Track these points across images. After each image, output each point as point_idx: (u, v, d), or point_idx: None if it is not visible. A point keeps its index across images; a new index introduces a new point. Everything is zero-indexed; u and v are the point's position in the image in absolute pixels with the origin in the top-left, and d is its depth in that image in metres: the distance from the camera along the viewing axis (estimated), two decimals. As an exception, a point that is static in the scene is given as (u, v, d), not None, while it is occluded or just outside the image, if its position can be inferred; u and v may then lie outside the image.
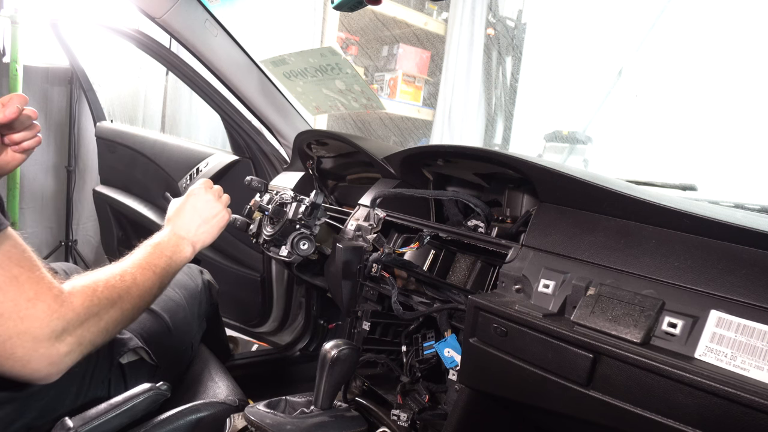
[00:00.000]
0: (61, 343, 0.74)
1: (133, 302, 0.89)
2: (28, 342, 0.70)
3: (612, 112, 3.19)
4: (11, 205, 2.82)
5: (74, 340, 0.76)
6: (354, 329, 1.28)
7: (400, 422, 1.10)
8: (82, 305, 0.77)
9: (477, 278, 1.14)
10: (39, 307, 0.71)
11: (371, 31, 3.80)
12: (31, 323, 0.70)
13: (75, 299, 0.76)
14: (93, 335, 0.80)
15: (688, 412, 0.62)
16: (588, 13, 3.24)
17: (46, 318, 0.71)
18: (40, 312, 0.71)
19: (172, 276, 1.01)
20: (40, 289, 0.72)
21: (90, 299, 0.79)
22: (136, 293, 0.89)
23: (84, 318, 0.77)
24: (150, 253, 0.98)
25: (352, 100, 1.72)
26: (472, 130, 3.80)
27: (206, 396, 1.14)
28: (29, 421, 0.89)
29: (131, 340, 1.07)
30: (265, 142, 1.98)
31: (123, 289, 0.86)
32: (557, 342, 0.74)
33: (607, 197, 0.83)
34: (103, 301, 0.81)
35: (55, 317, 0.72)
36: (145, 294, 0.92)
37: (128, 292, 0.87)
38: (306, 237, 1.31)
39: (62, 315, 0.73)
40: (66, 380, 0.93)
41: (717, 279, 0.68)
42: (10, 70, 2.71)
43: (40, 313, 0.71)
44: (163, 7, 1.64)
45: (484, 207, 1.13)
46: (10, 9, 2.68)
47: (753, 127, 2.53)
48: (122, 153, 2.45)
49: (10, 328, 0.69)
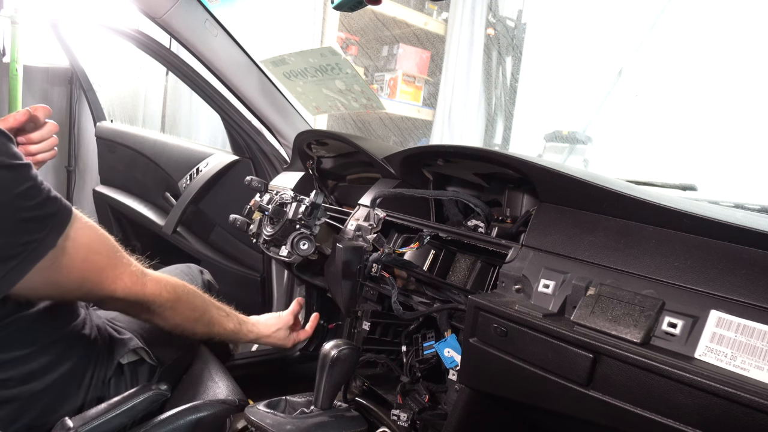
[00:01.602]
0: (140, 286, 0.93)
1: (190, 323, 1.07)
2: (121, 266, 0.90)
3: (612, 112, 3.19)
4: (11, 205, 2.81)
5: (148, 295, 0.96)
6: (354, 329, 1.28)
7: (400, 422, 1.10)
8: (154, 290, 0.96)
9: (477, 278, 1.14)
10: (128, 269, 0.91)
11: (371, 31, 3.80)
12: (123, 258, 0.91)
13: (151, 284, 0.96)
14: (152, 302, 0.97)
15: (688, 412, 0.62)
16: (588, 13, 3.24)
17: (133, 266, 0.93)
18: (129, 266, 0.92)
19: (229, 340, 1.28)
20: (126, 261, 0.93)
21: (163, 291, 0.98)
22: (197, 320, 1.08)
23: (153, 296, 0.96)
24: (227, 320, 1.17)
25: (352, 100, 1.72)
26: (472, 130, 3.80)
27: (206, 396, 1.14)
28: (30, 421, 0.89)
29: (131, 340, 1.07)
30: (265, 142, 1.98)
31: (189, 307, 1.05)
32: (557, 342, 0.74)
33: (607, 197, 0.83)
34: (170, 302, 1.00)
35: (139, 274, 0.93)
36: (204, 327, 1.10)
37: (192, 314, 1.06)
38: (306, 237, 1.30)
39: (140, 278, 0.93)
40: (66, 380, 0.93)
41: (717, 279, 0.68)
42: (10, 70, 2.71)
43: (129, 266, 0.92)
44: (163, 7, 1.64)
45: (484, 207, 1.13)
46: (10, 9, 2.68)
47: (753, 127, 2.53)
48: (122, 153, 2.45)
49: (109, 261, 0.88)
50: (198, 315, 1.07)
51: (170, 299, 0.98)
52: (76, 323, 0.99)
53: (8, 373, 0.85)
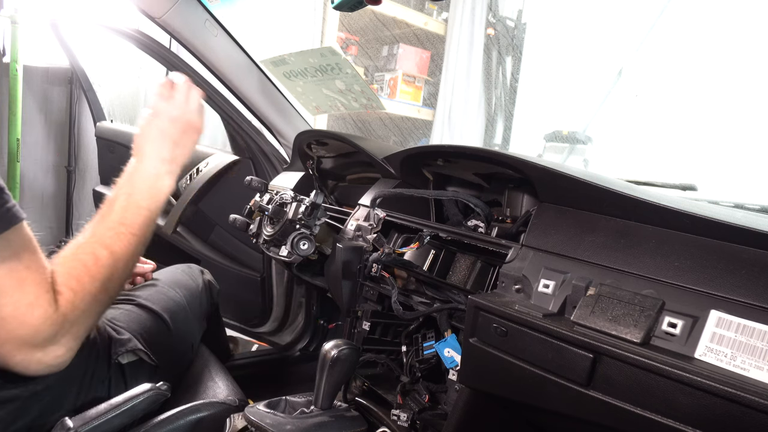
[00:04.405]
0: (56, 345, 0.73)
1: (120, 279, 0.83)
2: (25, 347, 0.70)
3: (612, 112, 3.19)
4: (11, 205, 2.81)
5: (70, 338, 0.75)
6: (354, 329, 1.28)
7: (400, 422, 1.10)
8: (74, 307, 0.75)
9: (477, 278, 1.14)
10: (37, 313, 0.69)
11: (371, 31, 3.80)
12: (27, 330, 0.69)
13: (66, 303, 0.74)
14: (87, 327, 0.80)
15: (688, 412, 0.62)
16: (588, 13, 3.24)
17: (43, 325, 0.70)
18: (38, 319, 0.69)
19: (154, 224, 0.90)
20: (39, 293, 0.70)
21: (81, 297, 0.76)
22: (122, 269, 0.83)
23: (76, 317, 0.76)
24: (125, 215, 0.86)
25: (352, 100, 1.72)
26: (472, 130, 3.80)
27: (206, 396, 1.14)
28: (30, 421, 0.89)
29: (130, 341, 1.06)
30: (265, 142, 1.98)
31: (107, 275, 0.80)
32: (557, 342, 0.74)
33: (607, 197, 0.83)
34: (92, 295, 0.78)
35: (49, 323, 0.71)
36: (129, 264, 0.84)
37: (113, 274, 0.81)
38: (306, 237, 1.31)
39: (56, 321, 0.72)
40: (66, 380, 0.93)
41: (717, 279, 0.68)
42: (10, 70, 2.71)
43: (38, 320, 0.69)
44: (163, 7, 1.64)
45: (484, 207, 1.13)
46: (10, 9, 2.68)
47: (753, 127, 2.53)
48: (122, 153, 2.45)
49: (10, 331, 0.68)
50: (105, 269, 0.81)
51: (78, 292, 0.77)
52: (76, 323, 0.99)
53: (8, 373, 0.85)
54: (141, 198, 0.90)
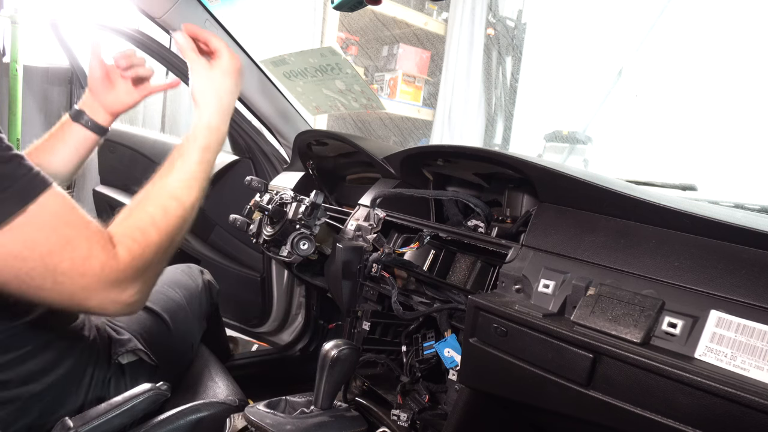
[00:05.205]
0: (127, 289, 0.76)
1: (186, 229, 0.88)
2: (94, 293, 0.72)
3: (612, 112, 3.19)
4: (11, 205, 2.81)
5: (140, 282, 0.78)
6: (354, 329, 1.28)
7: (400, 422, 1.10)
8: (140, 256, 0.77)
9: (477, 278, 1.14)
10: (95, 263, 0.71)
11: (371, 31, 3.80)
12: (90, 279, 0.71)
13: (127, 252, 0.76)
14: (157, 272, 0.83)
15: (688, 412, 0.62)
16: (588, 13, 3.24)
17: (103, 272, 0.72)
18: (97, 268, 0.72)
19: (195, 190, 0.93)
20: (91, 245, 0.72)
21: (146, 246, 0.78)
22: (189, 219, 0.88)
23: (144, 265, 0.78)
24: (198, 168, 0.92)
25: (352, 100, 1.72)
26: (472, 130, 3.81)
27: (206, 396, 1.14)
28: (30, 422, 0.89)
29: (130, 341, 1.07)
30: (265, 142, 1.98)
31: (178, 225, 0.84)
32: (557, 342, 0.74)
33: (607, 197, 0.83)
34: (157, 244, 0.80)
35: (110, 270, 0.73)
36: (192, 214, 0.89)
37: (182, 226, 0.86)
38: (306, 237, 1.31)
39: (118, 268, 0.74)
40: (66, 380, 0.93)
41: (717, 279, 0.68)
42: (10, 70, 2.71)
43: (97, 269, 0.72)
44: (163, 7, 1.64)
45: (484, 207, 1.13)
46: (10, 9, 2.68)
47: (753, 127, 2.53)
48: (122, 153, 2.45)
49: (75, 283, 0.71)
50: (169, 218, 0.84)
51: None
52: (76, 324, 0.99)
53: (8, 374, 0.85)
54: (214, 150, 0.95)
